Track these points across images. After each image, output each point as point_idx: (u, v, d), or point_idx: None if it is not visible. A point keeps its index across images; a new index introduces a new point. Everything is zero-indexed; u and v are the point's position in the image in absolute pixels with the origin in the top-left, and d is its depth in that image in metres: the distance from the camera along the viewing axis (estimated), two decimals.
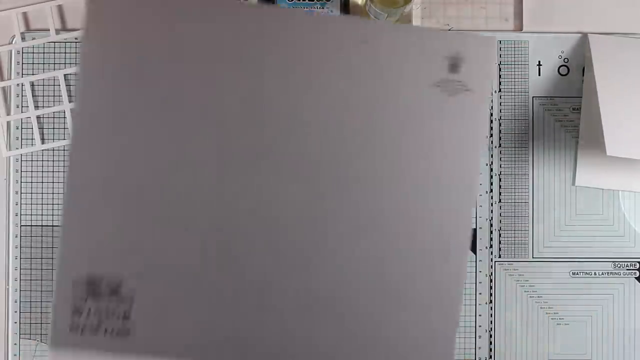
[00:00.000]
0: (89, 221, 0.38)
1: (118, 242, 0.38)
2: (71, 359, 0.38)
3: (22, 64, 0.56)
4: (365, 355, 0.38)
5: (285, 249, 0.38)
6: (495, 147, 0.56)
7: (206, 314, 0.38)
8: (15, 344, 0.55)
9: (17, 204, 0.56)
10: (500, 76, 0.56)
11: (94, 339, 0.38)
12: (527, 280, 0.56)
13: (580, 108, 0.57)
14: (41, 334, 0.54)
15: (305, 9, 0.50)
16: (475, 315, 0.56)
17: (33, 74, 0.56)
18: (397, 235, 0.37)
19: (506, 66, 0.56)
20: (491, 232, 0.56)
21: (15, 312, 0.55)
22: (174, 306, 0.38)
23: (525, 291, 0.56)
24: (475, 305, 0.56)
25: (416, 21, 0.56)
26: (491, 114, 0.56)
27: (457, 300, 0.37)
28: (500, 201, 0.56)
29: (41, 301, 0.55)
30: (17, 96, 0.56)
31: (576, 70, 0.57)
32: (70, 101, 0.56)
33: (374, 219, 0.37)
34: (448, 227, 0.37)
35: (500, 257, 0.56)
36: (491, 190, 0.56)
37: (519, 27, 0.57)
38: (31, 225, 0.56)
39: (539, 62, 0.57)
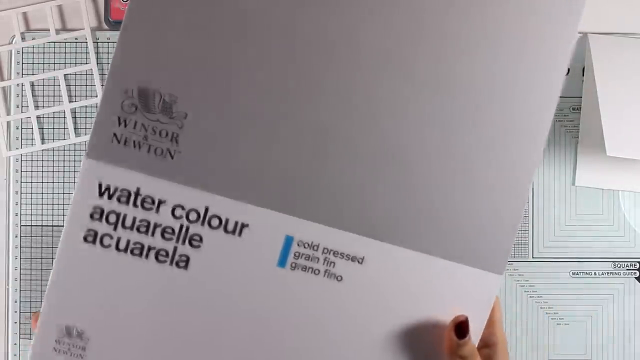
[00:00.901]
0: (151, 31, 0.35)
1: (179, 60, 0.35)
2: (102, 173, 0.35)
3: (22, 64, 0.56)
4: (424, 225, 0.36)
5: (353, 95, 0.36)
6: None
7: (258, 154, 0.35)
8: (15, 344, 0.55)
9: (17, 204, 0.56)
10: None
11: (134, 153, 0.35)
12: (527, 280, 0.56)
13: (580, 108, 0.57)
14: None
15: None
16: None
17: (33, 74, 0.56)
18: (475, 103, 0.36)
19: None
20: None
21: (15, 312, 0.55)
22: (226, 139, 0.35)
23: (525, 291, 0.56)
24: None
25: None
26: None
27: (524, 190, 0.36)
28: None
29: (41, 301, 0.55)
30: (17, 96, 0.56)
31: (576, 70, 0.57)
32: (70, 101, 0.56)
33: (455, 80, 0.36)
34: (525, 112, 0.36)
35: None
36: None
37: None
38: (31, 225, 0.56)
39: None
